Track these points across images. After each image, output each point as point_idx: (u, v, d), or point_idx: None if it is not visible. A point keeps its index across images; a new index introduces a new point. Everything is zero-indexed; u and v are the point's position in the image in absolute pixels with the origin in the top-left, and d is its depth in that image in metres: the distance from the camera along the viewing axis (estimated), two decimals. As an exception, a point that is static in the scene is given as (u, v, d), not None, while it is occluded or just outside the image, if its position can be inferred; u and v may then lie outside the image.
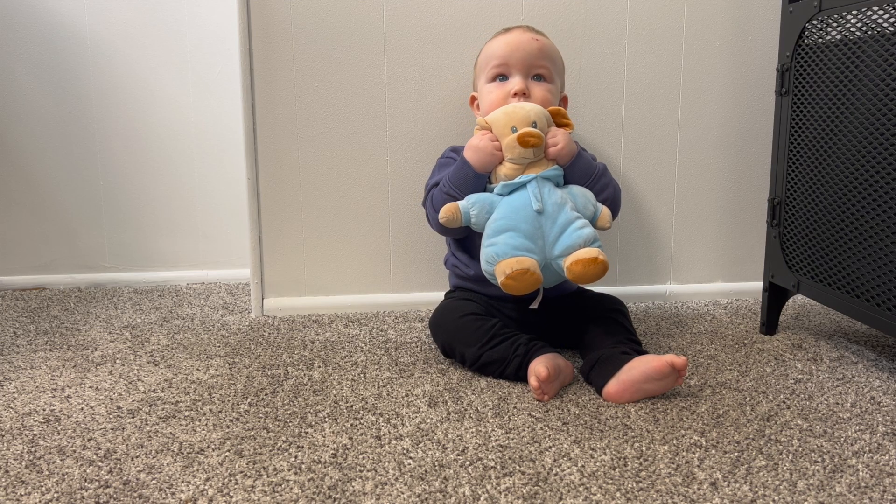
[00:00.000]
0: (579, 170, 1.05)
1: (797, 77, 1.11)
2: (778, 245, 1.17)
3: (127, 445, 0.82)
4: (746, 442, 0.81)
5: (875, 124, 0.95)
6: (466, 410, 0.90)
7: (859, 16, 0.98)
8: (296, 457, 0.79)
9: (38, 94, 1.53)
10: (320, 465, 0.77)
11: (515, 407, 0.91)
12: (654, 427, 0.85)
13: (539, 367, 0.92)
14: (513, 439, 0.82)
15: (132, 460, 0.78)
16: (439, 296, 1.19)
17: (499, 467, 0.76)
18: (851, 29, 1.00)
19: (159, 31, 1.53)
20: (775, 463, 0.77)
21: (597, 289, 1.19)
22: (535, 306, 1.07)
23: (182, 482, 0.74)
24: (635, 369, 0.91)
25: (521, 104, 1.04)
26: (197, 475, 0.75)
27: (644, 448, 0.80)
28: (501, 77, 1.11)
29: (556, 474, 0.74)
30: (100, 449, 0.81)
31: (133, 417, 0.89)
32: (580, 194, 1.03)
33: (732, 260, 1.42)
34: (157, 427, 0.86)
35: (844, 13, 1.00)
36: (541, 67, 1.10)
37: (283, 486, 0.73)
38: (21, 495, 0.71)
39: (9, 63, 1.51)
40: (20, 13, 1.50)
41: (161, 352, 1.14)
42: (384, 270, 1.36)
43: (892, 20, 0.93)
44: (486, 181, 1.05)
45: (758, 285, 1.35)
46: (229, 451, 0.80)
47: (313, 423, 0.87)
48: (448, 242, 1.19)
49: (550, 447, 0.80)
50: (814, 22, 1.07)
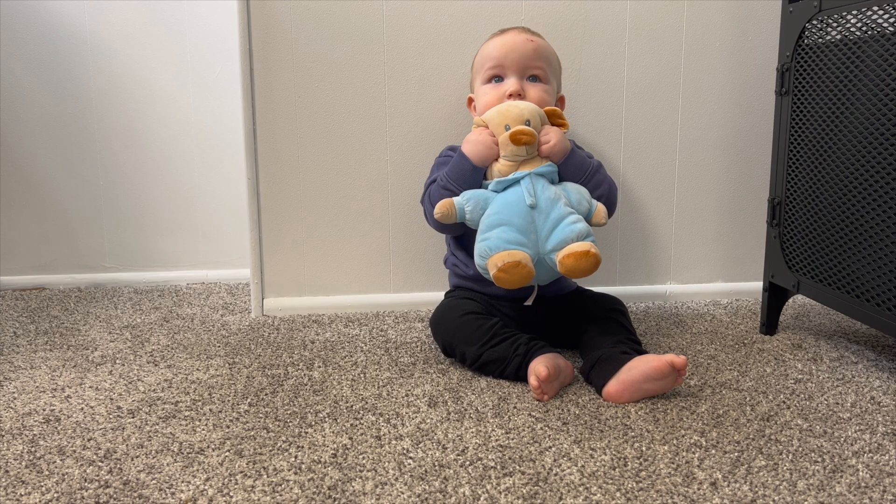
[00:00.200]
0: (573, 166, 1.06)
1: (797, 77, 1.11)
2: (778, 245, 1.17)
3: (127, 445, 0.82)
4: (746, 442, 0.81)
5: (875, 124, 0.95)
6: (466, 410, 0.90)
7: (859, 16, 0.98)
8: (296, 457, 0.79)
9: (38, 94, 1.53)
10: (320, 465, 0.77)
11: (515, 407, 0.91)
12: (654, 427, 0.85)
13: (539, 367, 0.92)
14: (513, 439, 0.82)
15: (132, 460, 0.78)
16: (439, 296, 1.19)
17: (499, 467, 0.76)
18: (851, 29, 1.00)
19: (159, 31, 1.53)
20: (775, 463, 0.77)
21: (596, 288, 1.19)
22: (530, 303, 1.07)
23: (182, 482, 0.74)
24: (635, 369, 0.91)
25: (516, 102, 1.05)
26: (197, 475, 0.75)
27: (644, 448, 0.80)
28: (497, 78, 1.11)
29: (556, 474, 0.74)
30: (100, 449, 0.81)
31: (133, 417, 0.89)
32: (574, 191, 1.04)
33: (732, 260, 1.42)
34: (157, 427, 0.86)
35: (844, 13, 1.00)
36: (536, 68, 1.10)
37: (283, 486, 0.73)
38: (21, 495, 0.71)
39: (9, 63, 1.51)
40: (20, 13, 1.50)
41: (161, 352, 1.14)
42: (384, 270, 1.36)
43: (892, 20, 0.93)
44: (483, 177, 1.05)
45: (758, 285, 1.35)
46: (229, 451, 0.80)
47: (313, 423, 0.87)
48: (447, 242, 1.19)
49: (550, 447, 0.80)
50: (814, 22, 1.07)
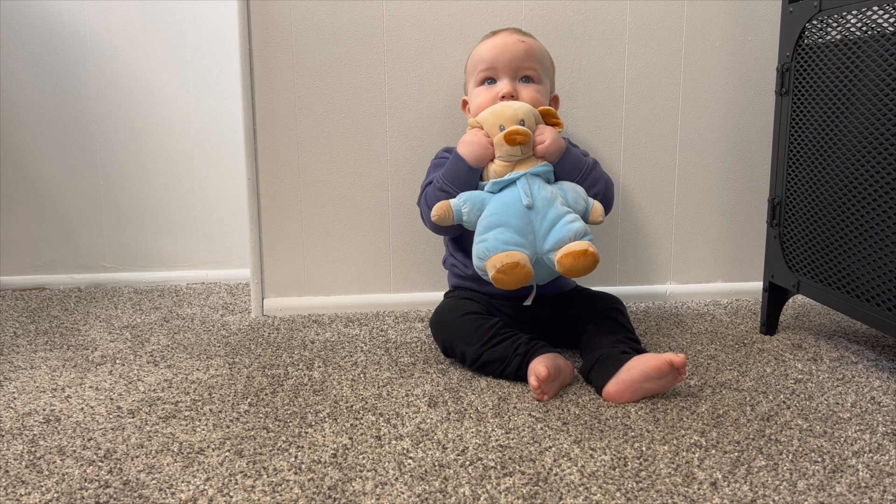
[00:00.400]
0: (569, 165, 1.06)
1: (797, 77, 1.11)
2: (778, 245, 1.17)
3: (127, 445, 0.82)
4: (746, 442, 0.81)
5: (875, 124, 0.95)
6: (466, 410, 0.90)
7: (859, 16, 0.98)
8: (296, 457, 0.79)
9: (38, 94, 1.53)
10: (320, 465, 0.77)
11: (515, 407, 0.91)
12: (654, 427, 0.85)
13: (539, 367, 0.92)
14: (513, 439, 0.82)
15: (132, 460, 0.78)
16: (439, 296, 1.19)
17: (499, 467, 0.76)
18: (851, 29, 1.00)
19: (159, 31, 1.53)
20: (775, 463, 0.77)
21: (596, 288, 1.19)
22: (529, 303, 1.07)
23: (182, 482, 0.74)
24: (634, 369, 0.91)
25: (510, 103, 1.04)
26: (197, 475, 0.75)
27: (644, 448, 0.80)
28: (490, 80, 1.11)
29: (556, 474, 0.74)
30: (100, 449, 0.81)
31: (133, 417, 0.89)
32: (571, 189, 1.04)
33: (732, 260, 1.42)
34: (157, 427, 0.86)
35: (844, 13, 1.00)
36: (528, 69, 1.10)
37: (283, 486, 0.73)
38: (21, 495, 0.71)
39: (9, 63, 1.51)
40: (20, 13, 1.50)
41: (161, 352, 1.14)
42: (384, 270, 1.36)
43: (892, 20, 0.93)
44: (479, 178, 1.05)
45: (758, 285, 1.35)
46: (229, 451, 0.80)
47: (313, 423, 0.87)
48: (446, 243, 1.19)
49: (550, 447, 0.80)
50: (814, 22, 1.07)
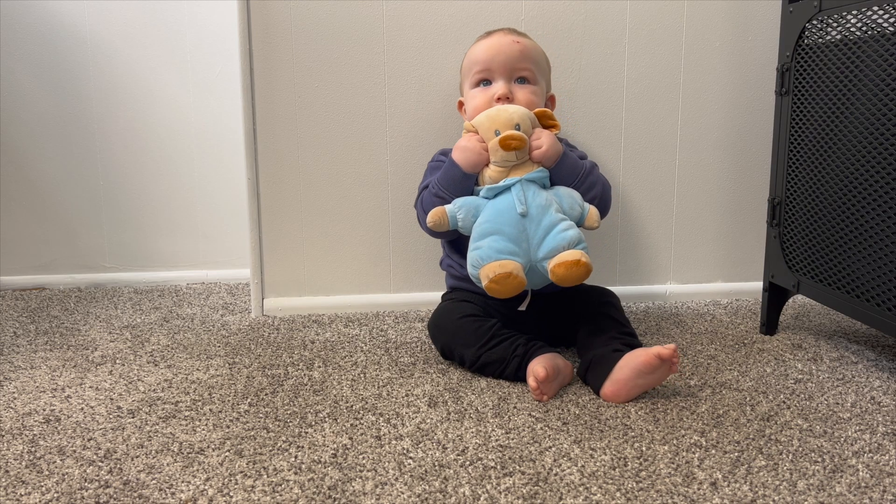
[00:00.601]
0: (565, 170, 1.05)
1: (797, 77, 1.11)
2: (778, 245, 1.17)
3: (127, 445, 0.82)
4: (746, 442, 0.81)
5: (875, 124, 0.95)
6: (466, 410, 0.90)
7: (859, 16, 0.98)
8: (296, 457, 0.79)
9: (38, 94, 1.53)
10: (320, 465, 0.77)
11: (515, 407, 0.91)
12: (654, 427, 0.85)
13: (537, 368, 0.92)
14: (513, 439, 0.82)
15: (132, 460, 0.78)
16: (439, 296, 1.19)
17: (499, 467, 0.76)
18: (851, 29, 1.00)
19: (159, 31, 1.53)
20: (775, 463, 0.77)
21: (588, 281, 1.18)
22: (523, 308, 1.07)
23: (182, 482, 0.74)
24: (626, 367, 0.91)
25: (505, 107, 1.04)
26: (197, 475, 0.75)
27: (644, 448, 0.80)
28: (485, 82, 1.11)
29: (556, 474, 0.74)
30: (100, 449, 0.81)
31: (133, 417, 0.89)
32: (566, 195, 1.03)
33: (732, 260, 1.42)
34: (157, 427, 0.86)
35: (844, 13, 1.00)
36: (524, 70, 1.10)
37: (283, 486, 0.73)
38: (21, 495, 0.71)
39: (9, 63, 1.51)
40: (20, 13, 1.50)
41: (161, 352, 1.14)
42: (384, 270, 1.36)
43: (892, 20, 0.93)
44: (475, 183, 1.05)
45: (758, 285, 1.35)
46: (229, 451, 0.80)
47: (313, 423, 0.87)
48: (443, 244, 1.19)
49: (550, 447, 0.80)
50: (814, 22, 1.07)
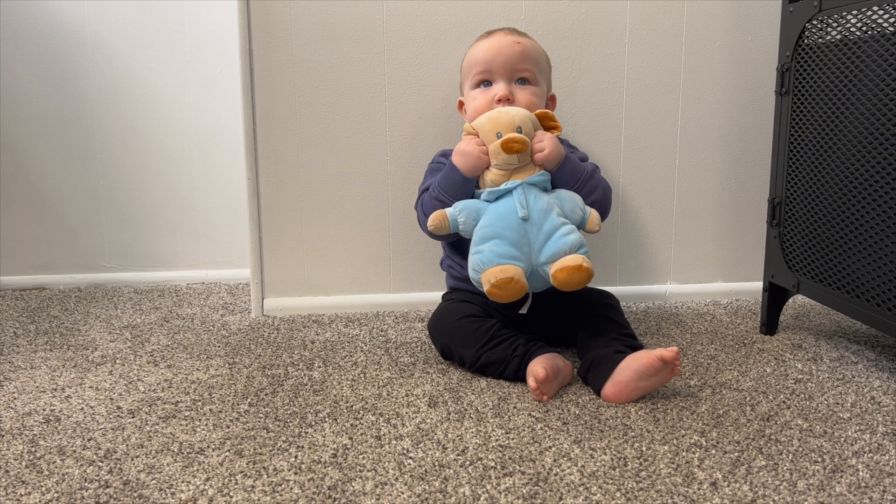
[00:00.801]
0: (567, 174, 1.04)
1: (797, 77, 1.11)
2: (778, 245, 1.17)
3: (127, 445, 0.82)
4: (746, 442, 0.81)
5: (875, 124, 0.95)
6: (466, 410, 0.90)
7: (859, 16, 0.98)
8: (296, 457, 0.79)
9: (38, 94, 1.53)
10: (320, 465, 0.77)
11: (515, 407, 0.91)
12: (654, 427, 0.85)
13: (537, 369, 0.92)
14: (513, 439, 0.82)
15: (132, 460, 0.78)
16: (439, 296, 1.19)
17: (499, 467, 0.76)
18: (851, 29, 1.00)
19: (159, 31, 1.53)
20: (775, 463, 0.77)
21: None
22: (524, 311, 1.07)
23: (182, 482, 0.74)
24: (628, 369, 0.91)
25: (507, 109, 1.03)
26: (197, 475, 0.75)
27: (644, 448, 0.80)
28: (485, 83, 1.11)
29: (556, 474, 0.74)
30: (100, 449, 0.81)
31: (133, 417, 0.89)
32: (568, 199, 1.02)
33: (732, 260, 1.42)
34: (157, 427, 0.86)
35: (844, 13, 1.00)
36: (524, 71, 1.10)
37: (283, 486, 0.73)
38: (21, 495, 0.71)
39: (9, 63, 1.51)
40: (20, 13, 1.50)
41: (161, 352, 1.14)
42: (384, 270, 1.36)
43: (892, 20, 0.93)
44: (475, 186, 1.04)
45: (758, 285, 1.35)
46: (229, 451, 0.80)
47: (313, 423, 0.87)
48: (443, 245, 1.19)
49: (550, 447, 0.80)
50: (814, 22, 1.07)
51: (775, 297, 1.19)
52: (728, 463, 0.77)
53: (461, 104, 1.19)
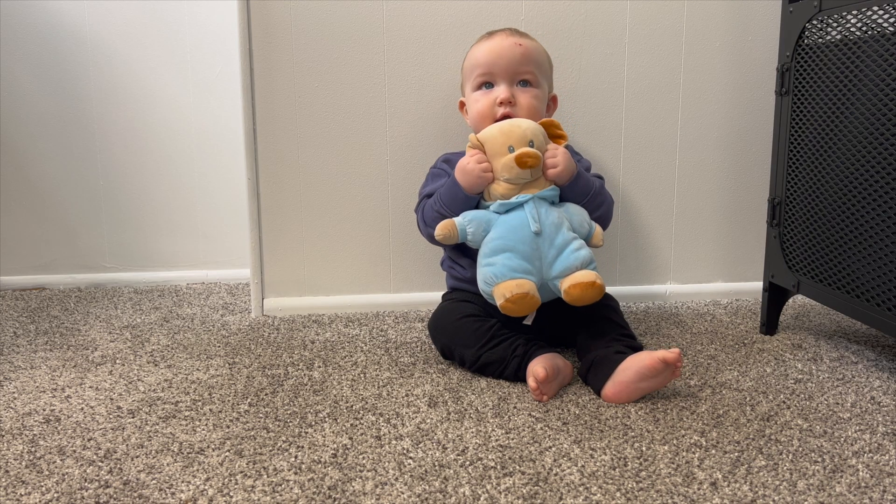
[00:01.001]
0: (577, 189, 1.04)
1: (797, 77, 1.11)
2: (778, 245, 1.17)
3: (127, 445, 0.82)
4: (746, 442, 0.81)
5: (875, 124, 0.95)
6: (466, 410, 0.90)
7: (859, 16, 0.98)
8: (296, 457, 0.79)
9: (38, 94, 1.53)
10: (320, 465, 0.77)
11: (515, 407, 0.91)
12: (654, 427, 0.85)
13: (537, 368, 0.92)
14: (513, 439, 0.82)
15: (132, 460, 0.78)
16: (439, 296, 1.19)
17: (499, 467, 0.76)
18: (851, 29, 1.00)
19: (159, 31, 1.53)
20: (775, 463, 0.77)
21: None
22: (529, 322, 1.07)
23: (182, 482, 0.74)
24: (629, 369, 0.91)
25: (518, 122, 1.02)
26: (197, 475, 0.75)
27: (644, 448, 0.80)
28: (487, 85, 1.10)
29: (556, 474, 0.74)
30: (100, 449, 0.81)
31: (133, 417, 0.89)
32: (577, 213, 1.03)
33: (732, 260, 1.42)
34: (157, 427, 0.86)
35: (844, 13, 1.00)
36: (526, 73, 1.09)
37: (283, 486, 0.73)
38: (21, 495, 0.71)
39: (9, 63, 1.51)
40: (20, 13, 1.50)
41: (161, 352, 1.14)
42: (384, 270, 1.36)
43: (892, 20, 0.93)
44: (480, 198, 1.04)
45: (758, 285, 1.35)
46: (229, 451, 0.80)
47: (313, 423, 0.87)
48: (443, 246, 1.19)
49: (550, 447, 0.80)
50: (814, 22, 1.07)
51: (775, 297, 1.19)
52: (728, 463, 0.77)
53: (462, 104, 1.18)
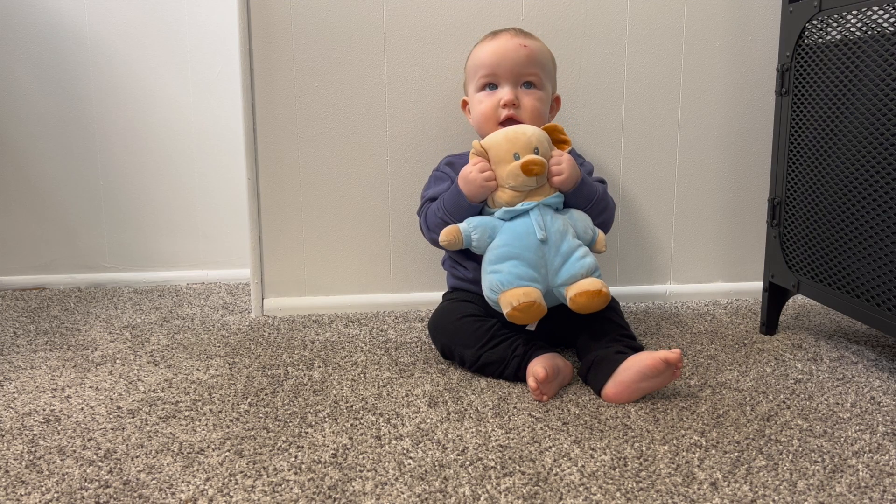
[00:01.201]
0: (582, 196, 1.04)
1: (797, 77, 1.11)
2: (778, 245, 1.17)
3: (127, 445, 0.82)
4: (746, 442, 0.81)
5: (875, 124, 0.95)
6: (466, 410, 0.90)
7: (859, 16, 0.98)
8: (296, 457, 0.79)
9: (38, 94, 1.53)
10: (320, 465, 0.77)
11: (515, 407, 0.91)
12: (654, 427, 0.85)
13: (537, 368, 0.92)
14: (513, 439, 0.82)
15: (132, 460, 0.78)
16: (439, 296, 1.18)
17: (499, 467, 0.76)
18: (851, 29, 1.00)
19: (159, 31, 1.53)
20: (775, 463, 0.77)
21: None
22: (532, 328, 1.07)
23: (182, 482, 0.74)
24: (630, 369, 0.91)
25: (523, 129, 1.01)
26: (197, 475, 0.75)
27: (644, 448, 0.80)
28: (490, 86, 1.10)
29: (556, 474, 0.74)
30: (100, 449, 0.81)
31: (133, 417, 0.89)
32: (580, 220, 1.03)
33: (732, 260, 1.42)
34: (157, 427, 0.86)
35: (844, 13, 1.00)
36: (530, 75, 1.09)
37: (283, 486, 0.73)
38: (21, 495, 0.71)
39: (9, 63, 1.51)
40: (20, 13, 1.50)
41: (161, 352, 1.14)
42: (384, 270, 1.36)
43: (892, 20, 0.93)
44: (484, 205, 1.04)
45: (758, 285, 1.35)
46: (229, 451, 0.80)
47: (313, 423, 0.87)
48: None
49: (550, 447, 0.80)
50: (814, 22, 1.07)
51: (775, 297, 1.19)
52: (728, 463, 0.77)
53: (465, 104, 1.18)
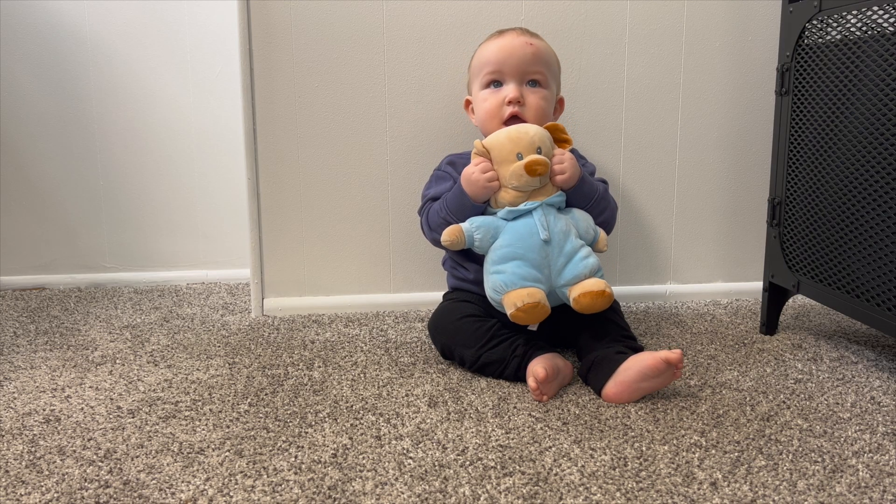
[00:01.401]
0: (582, 195, 1.04)
1: (797, 77, 1.11)
2: (778, 245, 1.17)
3: (127, 445, 0.82)
4: (746, 442, 0.81)
5: (875, 124, 0.95)
6: (466, 410, 0.90)
7: (859, 16, 0.98)
8: (296, 457, 0.79)
9: (38, 94, 1.53)
10: (320, 465, 0.77)
11: (515, 407, 0.91)
12: (654, 427, 0.85)
13: (537, 369, 0.92)
14: (513, 439, 0.82)
15: (132, 460, 0.78)
16: (439, 296, 1.19)
17: (499, 467, 0.76)
18: (851, 29, 1.00)
19: (159, 31, 1.53)
20: (775, 463, 0.77)
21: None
22: (534, 328, 1.07)
23: (182, 482, 0.74)
24: (631, 369, 0.91)
25: (525, 128, 1.00)
26: (197, 475, 0.75)
27: (644, 448, 0.80)
28: (495, 83, 1.10)
29: (556, 474, 0.74)
30: (100, 449, 0.81)
31: (133, 417, 0.89)
32: (582, 219, 1.03)
33: (732, 260, 1.42)
34: (157, 427, 0.86)
35: (844, 13, 1.00)
36: (536, 73, 1.09)
37: (283, 486, 0.73)
38: (21, 495, 0.71)
39: (9, 63, 1.51)
40: (20, 13, 1.50)
41: (161, 352, 1.14)
42: (384, 270, 1.36)
43: (892, 20, 0.93)
44: (486, 205, 1.03)
45: (758, 285, 1.35)
46: (229, 451, 0.80)
47: (313, 423, 0.87)
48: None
49: (550, 447, 0.80)
50: (814, 22, 1.07)
51: (775, 297, 1.19)
52: (728, 463, 0.77)
53: (468, 103, 1.18)
